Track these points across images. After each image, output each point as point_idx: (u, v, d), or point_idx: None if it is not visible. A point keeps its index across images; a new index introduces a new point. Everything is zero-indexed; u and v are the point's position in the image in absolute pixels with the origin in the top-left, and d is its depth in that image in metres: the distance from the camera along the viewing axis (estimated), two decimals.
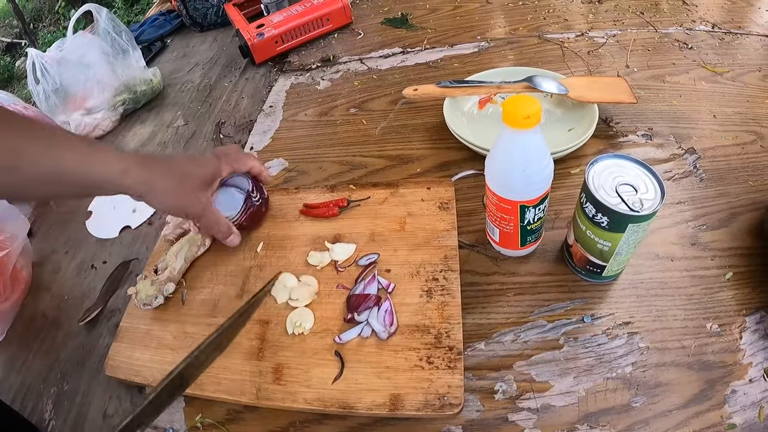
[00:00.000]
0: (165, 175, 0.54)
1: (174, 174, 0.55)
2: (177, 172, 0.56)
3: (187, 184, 0.56)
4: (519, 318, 0.55)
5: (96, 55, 0.97)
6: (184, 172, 0.57)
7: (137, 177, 0.51)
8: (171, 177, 0.55)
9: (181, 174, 0.56)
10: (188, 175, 0.57)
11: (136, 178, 0.51)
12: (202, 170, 0.59)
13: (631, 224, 0.46)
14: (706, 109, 0.76)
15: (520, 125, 0.44)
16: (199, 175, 0.58)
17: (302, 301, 0.57)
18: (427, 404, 0.47)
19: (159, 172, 0.54)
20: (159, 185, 0.53)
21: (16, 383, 0.63)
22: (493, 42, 0.99)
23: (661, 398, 0.47)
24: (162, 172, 0.54)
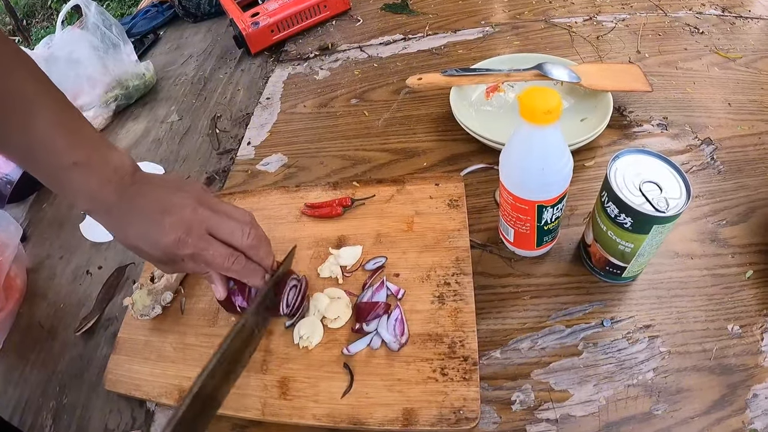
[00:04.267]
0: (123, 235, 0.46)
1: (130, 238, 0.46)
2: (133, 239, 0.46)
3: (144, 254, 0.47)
4: (536, 323, 0.52)
5: (85, 50, 0.94)
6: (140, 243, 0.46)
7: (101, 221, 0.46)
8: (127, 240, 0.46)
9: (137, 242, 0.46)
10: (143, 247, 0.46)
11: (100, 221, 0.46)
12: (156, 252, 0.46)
13: (656, 225, 0.43)
14: (721, 97, 0.73)
15: (539, 120, 0.41)
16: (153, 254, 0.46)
17: (343, 318, 0.54)
18: (442, 419, 0.45)
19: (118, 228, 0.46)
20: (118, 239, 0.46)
21: (14, 397, 0.62)
22: (498, 27, 0.96)
23: (682, 405, 0.46)
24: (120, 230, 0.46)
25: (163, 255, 0.45)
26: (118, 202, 0.45)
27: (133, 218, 0.45)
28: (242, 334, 0.46)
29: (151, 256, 0.46)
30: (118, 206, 0.45)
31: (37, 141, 0.42)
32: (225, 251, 0.47)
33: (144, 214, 0.45)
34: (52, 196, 0.89)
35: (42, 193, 0.91)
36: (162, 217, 0.45)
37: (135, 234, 0.45)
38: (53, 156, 0.42)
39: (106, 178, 0.44)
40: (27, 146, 0.42)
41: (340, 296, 0.56)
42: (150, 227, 0.45)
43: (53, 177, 0.43)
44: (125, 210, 0.45)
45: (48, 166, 0.43)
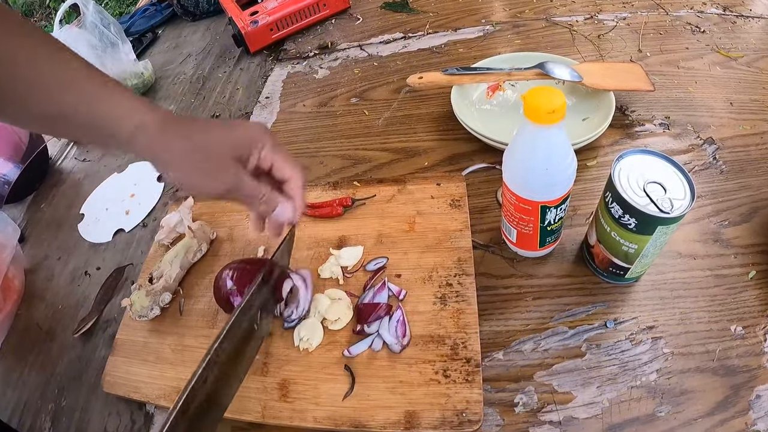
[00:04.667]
0: (188, 139, 0.43)
1: (200, 138, 0.44)
2: (204, 137, 0.44)
3: (215, 151, 0.44)
4: (538, 324, 0.52)
5: (83, 49, 0.93)
6: (215, 138, 0.44)
7: (153, 137, 0.42)
8: (195, 142, 0.43)
9: (209, 139, 0.44)
10: (219, 141, 0.44)
11: (151, 138, 0.42)
12: (239, 136, 0.46)
13: (660, 226, 0.43)
14: (723, 97, 0.73)
15: (543, 120, 0.41)
16: (233, 142, 0.45)
17: (344, 319, 0.53)
18: (445, 421, 0.44)
19: (181, 135, 0.43)
20: (177, 150, 0.43)
21: (13, 399, 0.61)
22: (499, 26, 0.95)
23: (685, 406, 0.45)
24: (185, 136, 0.43)
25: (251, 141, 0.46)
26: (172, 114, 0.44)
27: (205, 121, 0.46)
28: (235, 332, 0.45)
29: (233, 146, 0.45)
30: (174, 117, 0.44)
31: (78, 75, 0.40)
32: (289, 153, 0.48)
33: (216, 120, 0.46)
34: (50, 196, 0.88)
35: (40, 194, 0.90)
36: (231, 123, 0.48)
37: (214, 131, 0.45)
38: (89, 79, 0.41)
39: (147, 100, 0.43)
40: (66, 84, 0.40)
41: (340, 297, 0.55)
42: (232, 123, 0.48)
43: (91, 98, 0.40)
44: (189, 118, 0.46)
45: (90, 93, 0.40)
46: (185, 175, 0.44)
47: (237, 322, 0.45)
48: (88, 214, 0.81)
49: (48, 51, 0.40)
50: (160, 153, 0.43)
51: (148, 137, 0.41)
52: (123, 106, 0.41)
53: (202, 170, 0.44)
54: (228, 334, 0.44)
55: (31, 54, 0.39)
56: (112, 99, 0.41)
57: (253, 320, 0.47)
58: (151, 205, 0.79)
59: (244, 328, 0.46)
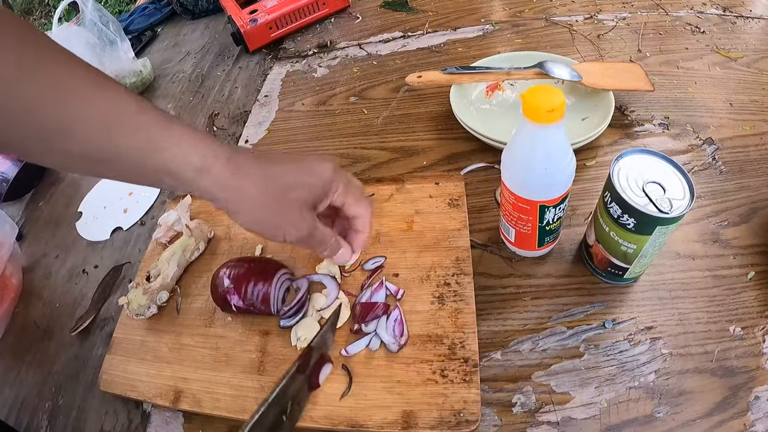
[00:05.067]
0: (259, 184, 0.40)
1: (272, 184, 0.41)
2: (276, 182, 0.41)
3: (289, 198, 0.42)
4: (537, 324, 0.52)
5: (82, 47, 0.92)
6: (287, 184, 0.42)
7: (219, 180, 0.39)
8: (267, 188, 0.41)
9: (282, 185, 0.41)
10: (292, 187, 0.42)
11: (217, 181, 0.38)
12: (313, 182, 0.43)
13: (659, 226, 0.43)
14: (722, 97, 0.73)
15: (542, 119, 0.41)
16: (307, 187, 0.43)
17: (342, 319, 0.53)
18: (443, 421, 0.44)
19: (251, 179, 0.40)
20: (249, 195, 0.40)
21: (10, 397, 0.61)
22: (498, 25, 0.95)
23: (684, 407, 0.45)
24: (255, 180, 0.40)
25: (323, 186, 0.44)
26: (235, 155, 0.40)
27: (273, 163, 0.42)
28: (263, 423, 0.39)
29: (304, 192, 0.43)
30: (242, 154, 0.40)
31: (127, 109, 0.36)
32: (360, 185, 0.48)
33: (285, 158, 0.44)
34: (48, 194, 0.88)
35: (38, 192, 0.90)
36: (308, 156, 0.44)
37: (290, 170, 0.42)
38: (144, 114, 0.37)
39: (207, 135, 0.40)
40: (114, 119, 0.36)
41: (339, 297, 0.55)
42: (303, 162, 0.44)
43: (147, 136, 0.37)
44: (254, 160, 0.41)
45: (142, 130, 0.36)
46: (256, 222, 0.42)
47: (265, 416, 0.40)
48: (86, 212, 0.81)
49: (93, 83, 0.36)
50: (230, 198, 0.40)
51: (213, 180, 0.39)
52: (182, 147, 0.37)
53: (275, 218, 0.42)
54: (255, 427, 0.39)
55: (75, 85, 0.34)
56: (168, 136, 0.37)
57: (283, 411, 0.42)
58: (149, 203, 0.78)
59: (272, 421, 0.41)
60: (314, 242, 0.45)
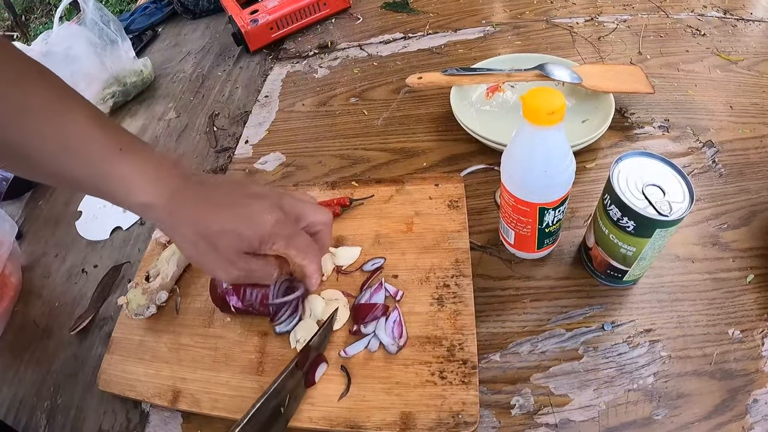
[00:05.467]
0: (195, 227, 0.41)
1: (207, 228, 0.41)
2: (211, 228, 0.41)
3: (221, 245, 0.42)
4: (536, 326, 0.52)
5: (83, 46, 0.92)
6: (222, 230, 0.41)
7: (159, 218, 0.41)
8: (201, 232, 0.41)
9: (216, 231, 0.41)
10: (224, 234, 0.42)
11: (158, 218, 0.41)
12: (248, 234, 0.42)
13: (659, 229, 0.43)
14: (722, 100, 0.73)
15: (542, 122, 0.41)
16: (241, 237, 0.42)
17: (342, 320, 0.53)
18: (441, 423, 0.44)
19: (188, 221, 0.41)
20: (184, 235, 0.42)
21: (8, 396, 0.61)
22: (499, 27, 0.95)
23: (682, 410, 0.45)
24: (192, 223, 0.41)
25: (259, 237, 0.43)
26: (185, 187, 0.41)
27: (214, 204, 0.42)
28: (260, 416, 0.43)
29: (240, 239, 0.42)
30: (188, 192, 0.41)
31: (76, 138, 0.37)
32: (308, 238, 0.46)
33: (229, 198, 0.43)
34: (48, 193, 0.88)
35: (38, 191, 0.90)
36: (254, 201, 0.43)
37: (221, 218, 0.41)
38: (96, 146, 0.38)
39: (160, 167, 0.40)
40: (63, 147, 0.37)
41: (337, 298, 0.55)
42: (243, 209, 0.42)
43: (96, 169, 0.38)
44: (198, 198, 0.42)
45: (90, 159, 0.38)
46: (192, 259, 0.45)
47: (264, 407, 0.44)
48: (85, 211, 0.81)
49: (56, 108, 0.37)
50: (169, 233, 0.42)
51: (155, 216, 0.41)
52: (127, 179, 0.39)
53: (207, 260, 0.43)
54: (252, 418, 0.42)
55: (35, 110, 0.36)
56: (115, 169, 0.38)
57: (280, 404, 0.46)
58: None
59: (270, 412, 0.44)
60: (251, 279, 0.45)
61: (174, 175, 0.41)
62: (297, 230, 0.46)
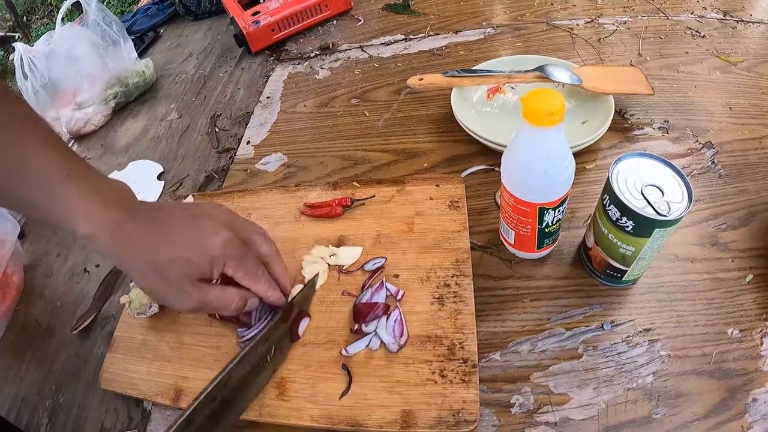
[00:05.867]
0: (142, 258, 0.41)
1: (155, 259, 0.41)
2: (159, 258, 0.41)
3: (171, 275, 0.42)
4: (535, 326, 0.52)
5: (85, 47, 0.93)
6: (170, 259, 0.41)
7: (104, 248, 0.41)
8: (150, 263, 0.41)
9: (165, 261, 0.41)
10: (174, 263, 0.42)
11: (103, 249, 0.41)
12: (197, 260, 0.42)
13: (657, 229, 0.43)
14: (722, 101, 0.73)
15: (542, 122, 0.41)
16: (191, 264, 0.42)
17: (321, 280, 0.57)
18: (441, 421, 0.44)
19: (135, 252, 0.41)
20: (132, 265, 0.42)
21: (10, 395, 0.61)
22: (500, 28, 0.96)
23: (681, 409, 0.45)
24: (139, 254, 0.41)
25: (210, 260, 0.42)
26: (130, 219, 0.41)
27: (160, 232, 0.42)
28: (247, 361, 0.46)
29: (190, 266, 0.42)
30: (133, 222, 0.41)
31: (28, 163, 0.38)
32: (256, 260, 0.46)
33: (176, 225, 0.43)
34: None
35: None
36: (201, 222, 0.43)
37: (169, 247, 0.41)
38: (45, 170, 0.39)
39: (106, 197, 0.41)
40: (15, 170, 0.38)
41: (316, 261, 0.58)
42: (191, 233, 0.42)
43: (45, 196, 0.39)
44: (144, 229, 0.41)
45: (39, 183, 0.39)
46: (145, 289, 0.46)
47: (250, 353, 0.46)
48: None
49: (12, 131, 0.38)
50: (118, 264, 0.43)
51: (99, 247, 0.41)
52: (74, 210, 0.39)
53: (160, 291, 0.43)
54: (240, 362, 0.45)
55: None
56: (66, 199, 0.39)
57: (267, 352, 0.48)
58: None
59: (257, 358, 0.47)
60: (210, 309, 0.46)
61: (120, 206, 0.41)
62: (245, 252, 0.46)
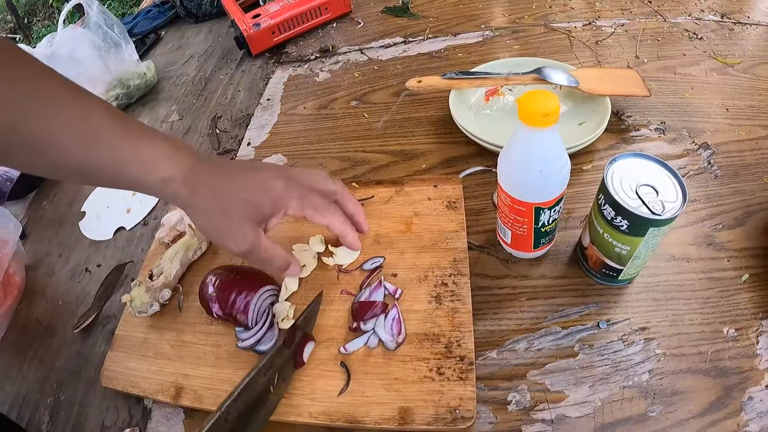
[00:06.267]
0: (210, 197, 0.45)
1: (221, 198, 0.45)
2: (225, 197, 0.45)
3: (234, 214, 0.46)
4: (532, 324, 0.53)
5: (87, 49, 0.94)
6: (235, 199, 0.46)
7: (178, 191, 0.43)
8: (216, 202, 0.45)
9: (230, 201, 0.45)
10: (238, 203, 0.46)
11: (176, 191, 0.43)
12: (260, 200, 0.47)
13: (652, 228, 0.43)
14: (719, 102, 0.74)
15: (537, 123, 0.42)
16: (254, 205, 0.46)
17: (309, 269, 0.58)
18: (438, 418, 0.45)
19: (204, 191, 0.44)
20: (200, 208, 0.45)
21: (12, 393, 0.61)
22: (498, 31, 0.96)
23: (677, 407, 0.46)
24: (207, 193, 0.45)
25: (271, 201, 0.47)
26: (199, 162, 0.45)
27: (227, 175, 0.46)
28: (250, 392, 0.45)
29: (253, 205, 0.46)
30: (203, 165, 0.45)
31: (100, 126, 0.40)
32: (327, 201, 0.50)
33: (241, 171, 0.47)
34: (51, 194, 0.89)
35: (42, 191, 0.91)
36: (263, 171, 0.47)
37: (235, 187, 0.46)
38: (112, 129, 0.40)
39: (174, 145, 0.44)
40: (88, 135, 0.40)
41: (305, 249, 0.60)
42: (254, 177, 0.47)
43: (115, 151, 0.41)
44: (213, 171, 0.45)
45: (114, 145, 0.40)
46: (204, 229, 0.47)
47: (253, 383, 0.45)
48: (89, 211, 0.82)
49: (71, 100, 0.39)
50: (186, 206, 0.45)
51: (174, 190, 0.43)
52: (149, 158, 0.42)
53: (220, 229, 0.46)
54: (241, 394, 0.44)
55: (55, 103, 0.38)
56: (139, 150, 0.42)
57: (270, 382, 0.47)
58: (152, 203, 0.79)
59: (260, 389, 0.46)
60: (258, 258, 0.48)
61: (189, 154, 0.45)
62: (308, 191, 0.49)
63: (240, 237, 0.46)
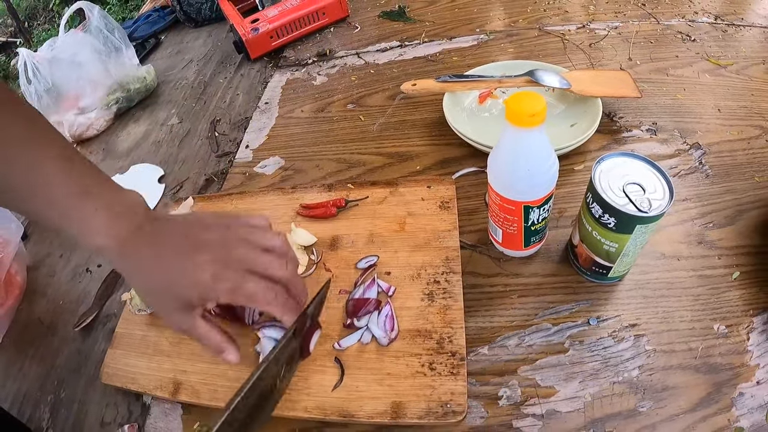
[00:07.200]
0: (142, 278, 0.44)
1: (153, 281, 0.43)
2: (157, 281, 0.43)
3: (166, 300, 0.44)
4: (523, 321, 0.53)
5: (88, 53, 0.95)
6: (164, 286, 0.43)
7: (113, 261, 0.44)
8: (149, 283, 0.44)
9: (161, 286, 0.43)
10: (168, 291, 0.43)
11: (112, 261, 0.44)
12: (187, 293, 0.43)
13: (639, 225, 0.44)
14: (711, 103, 0.75)
15: (524, 124, 0.43)
16: (179, 297, 0.43)
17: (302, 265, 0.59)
18: (430, 412, 0.46)
19: (137, 270, 0.43)
20: (134, 282, 0.45)
21: (12, 390, 0.62)
22: (493, 35, 0.98)
23: (668, 402, 0.46)
24: (140, 273, 0.44)
25: (198, 294, 0.42)
26: (134, 239, 0.42)
27: (157, 257, 0.43)
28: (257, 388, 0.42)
29: (180, 297, 0.43)
30: (135, 244, 0.42)
31: (45, 177, 0.40)
32: (265, 284, 0.44)
33: (172, 252, 0.43)
34: None
35: None
36: (194, 254, 0.43)
37: (163, 274, 0.43)
38: (59, 186, 0.41)
39: (117, 211, 0.42)
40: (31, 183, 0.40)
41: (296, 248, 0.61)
42: (182, 264, 0.42)
43: (58, 209, 0.41)
44: (145, 249, 0.43)
45: (53, 197, 0.41)
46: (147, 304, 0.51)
47: (264, 374, 0.43)
48: None
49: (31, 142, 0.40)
50: (124, 276, 0.45)
51: (110, 258, 0.43)
52: (87, 223, 0.41)
53: (157, 308, 0.49)
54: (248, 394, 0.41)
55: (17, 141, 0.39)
56: (80, 211, 0.41)
57: (276, 376, 0.45)
58: (152, 205, 0.80)
59: (267, 384, 0.44)
60: (194, 339, 0.46)
61: (130, 222, 0.43)
62: (242, 279, 0.44)
63: (175, 321, 0.45)
